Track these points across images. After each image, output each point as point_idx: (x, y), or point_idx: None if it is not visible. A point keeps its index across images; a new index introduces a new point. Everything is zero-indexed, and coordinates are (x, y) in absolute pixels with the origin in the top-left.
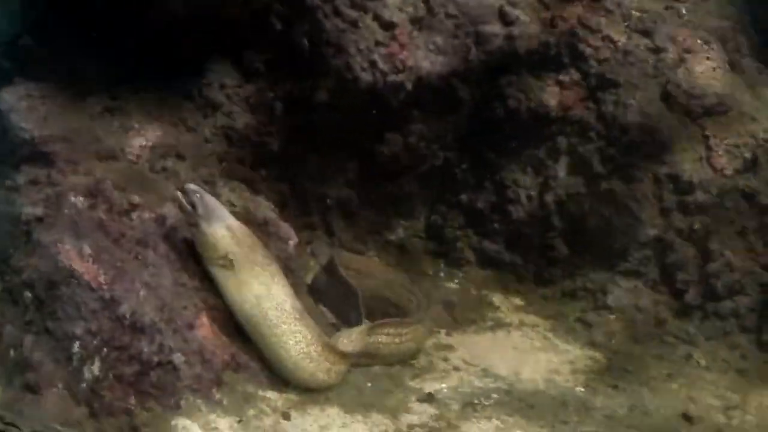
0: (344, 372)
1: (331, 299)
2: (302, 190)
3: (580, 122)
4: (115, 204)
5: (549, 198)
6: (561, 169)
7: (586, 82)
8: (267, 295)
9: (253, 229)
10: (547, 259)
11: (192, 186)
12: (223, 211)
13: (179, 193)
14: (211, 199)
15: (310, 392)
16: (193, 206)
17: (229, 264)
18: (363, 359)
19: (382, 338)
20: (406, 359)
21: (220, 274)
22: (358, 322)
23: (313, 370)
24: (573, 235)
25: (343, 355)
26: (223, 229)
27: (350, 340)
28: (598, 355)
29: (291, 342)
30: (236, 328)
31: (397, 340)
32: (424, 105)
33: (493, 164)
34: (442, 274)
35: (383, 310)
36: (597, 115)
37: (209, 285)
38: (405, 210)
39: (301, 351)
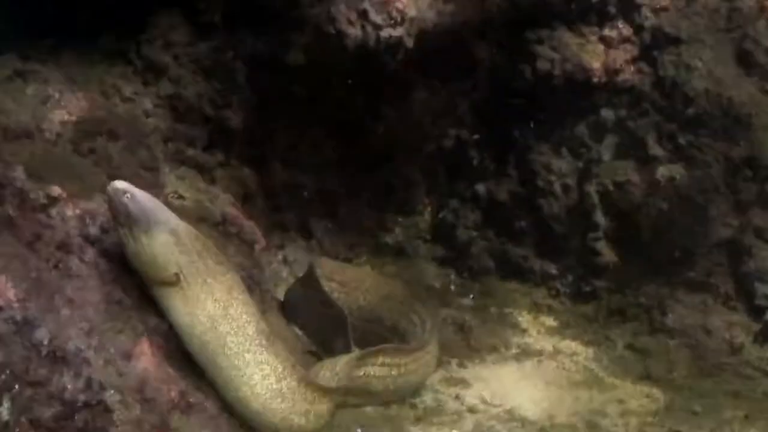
0: (327, 414)
1: (309, 320)
2: (271, 178)
3: (631, 90)
4: (28, 197)
5: (590, 188)
6: (606, 151)
7: (638, 38)
8: (223, 316)
9: (207, 229)
10: (589, 268)
11: (119, 184)
12: (164, 212)
13: (105, 198)
14: (145, 199)
15: None
16: (124, 212)
17: (174, 279)
18: (351, 397)
19: (375, 370)
20: (405, 396)
21: (163, 293)
22: (345, 351)
23: (286, 412)
24: (622, 236)
25: (326, 392)
26: (165, 235)
27: (334, 372)
28: (655, 391)
29: (257, 376)
30: (186, 357)
31: (394, 372)
32: (430, 68)
33: (519, 145)
34: (452, 288)
35: (377, 333)
36: (653, 81)
37: (152, 302)
38: (405, 204)
39: (270, 388)
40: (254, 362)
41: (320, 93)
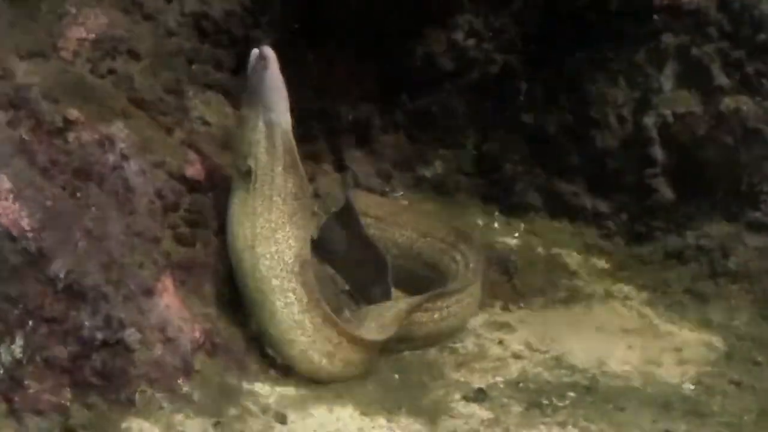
0: (361, 364)
1: (345, 260)
2: (302, 105)
3: (695, 14)
4: (43, 120)
5: (649, 120)
6: (667, 80)
7: None
8: (267, 238)
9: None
10: (645, 207)
11: (266, 50)
12: (279, 103)
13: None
14: (271, 77)
15: (313, 384)
16: (252, 74)
17: (246, 174)
18: (390, 345)
19: (417, 316)
20: (445, 339)
21: (234, 184)
22: (384, 296)
23: (305, 346)
24: (682, 172)
25: (361, 343)
26: (261, 123)
27: (380, 325)
28: (715, 339)
29: (279, 303)
30: (213, 292)
31: (436, 316)
32: None
33: (571, 72)
34: (496, 225)
35: (414, 272)
36: (719, 3)
37: (176, 234)
38: (446, 135)
39: (291, 317)
40: (280, 289)
41: (357, 13)
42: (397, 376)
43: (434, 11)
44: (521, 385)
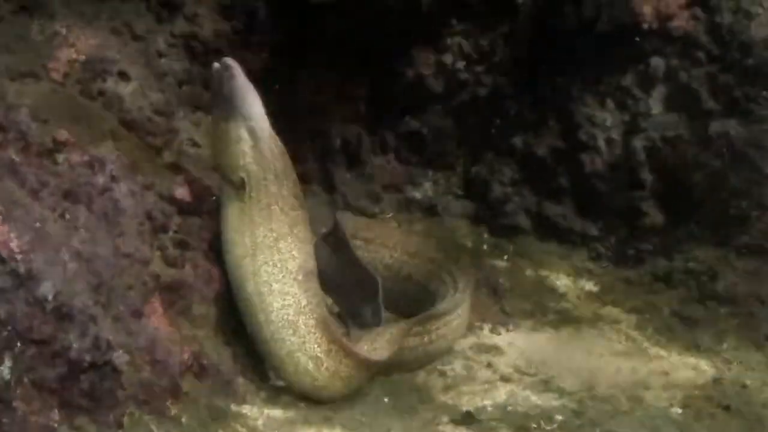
0: (345, 379)
1: (334, 282)
2: (292, 126)
3: (684, 38)
4: (33, 141)
5: (638, 143)
6: (655, 103)
7: None
8: (270, 247)
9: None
10: (634, 230)
11: (230, 61)
12: (254, 108)
13: (214, 66)
14: (244, 87)
15: (302, 407)
16: (220, 87)
17: (239, 184)
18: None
19: (408, 340)
20: (433, 362)
21: (225, 196)
22: (374, 318)
23: (294, 347)
24: (671, 196)
25: (368, 366)
26: (244, 132)
27: (373, 347)
28: (703, 363)
29: (276, 305)
30: (201, 315)
31: (425, 339)
32: (466, 9)
33: (561, 95)
34: (485, 247)
35: (404, 293)
36: (708, 28)
37: (165, 255)
38: (435, 157)
39: (285, 318)
40: (279, 292)
41: (347, 35)
42: (386, 399)
43: (424, 33)
44: (510, 408)
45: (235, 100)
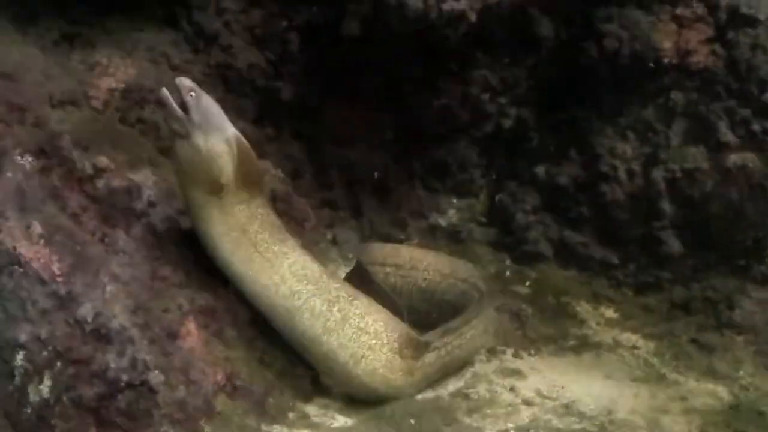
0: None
1: None
2: (322, 154)
3: (704, 73)
4: (74, 167)
5: (657, 174)
6: (675, 136)
7: (713, 17)
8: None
9: None
10: (653, 258)
11: (186, 81)
12: (224, 120)
13: (164, 92)
14: (210, 102)
15: (332, 422)
16: (185, 109)
17: (217, 188)
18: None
19: (428, 357)
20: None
21: (202, 202)
22: None
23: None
24: (689, 226)
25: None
26: (222, 144)
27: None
28: (720, 389)
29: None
30: (236, 335)
31: (442, 352)
32: (492, 44)
33: (583, 126)
34: (508, 274)
35: (443, 314)
36: (727, 63)
37: (200, 279)
38: (460, 185)
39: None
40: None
41: (376, 66)
42: (412, 420)
43: (451, 66)
44: (532, 431)
45: (210, 117)
